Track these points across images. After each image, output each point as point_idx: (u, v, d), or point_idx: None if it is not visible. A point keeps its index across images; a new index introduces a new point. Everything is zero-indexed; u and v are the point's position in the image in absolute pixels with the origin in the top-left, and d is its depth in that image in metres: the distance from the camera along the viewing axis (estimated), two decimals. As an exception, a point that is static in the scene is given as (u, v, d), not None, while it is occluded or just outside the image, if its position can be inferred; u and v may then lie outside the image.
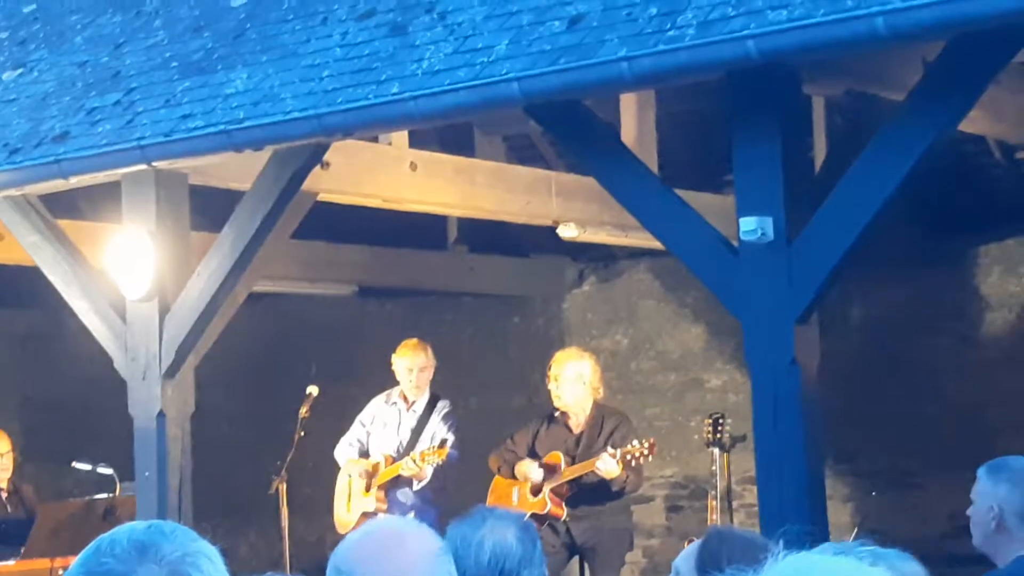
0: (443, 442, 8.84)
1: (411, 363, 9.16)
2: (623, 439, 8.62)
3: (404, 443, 9.11)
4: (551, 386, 8.93)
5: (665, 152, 9.76)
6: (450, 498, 8.95)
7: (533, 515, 8.27)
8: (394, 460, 9.03)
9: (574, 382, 8.87)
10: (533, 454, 8.89)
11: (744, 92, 6.32)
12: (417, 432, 9.13)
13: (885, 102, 7.08)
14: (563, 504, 8.71)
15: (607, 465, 8.45)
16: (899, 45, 5.72)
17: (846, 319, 11.01)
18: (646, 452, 8.42)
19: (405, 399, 9.22)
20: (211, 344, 8.15)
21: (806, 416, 6.31)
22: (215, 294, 7.85)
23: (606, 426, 8.82)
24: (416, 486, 8.96)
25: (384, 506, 8.96)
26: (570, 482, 8.70)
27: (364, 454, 9.21)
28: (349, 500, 9.13)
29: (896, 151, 6.07)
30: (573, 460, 8.72)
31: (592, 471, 8.53)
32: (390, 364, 9.30)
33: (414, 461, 8.79)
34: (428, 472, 8.85)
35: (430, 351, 9.27)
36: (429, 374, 9.23)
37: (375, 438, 9.22)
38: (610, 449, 8.48)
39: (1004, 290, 10.91)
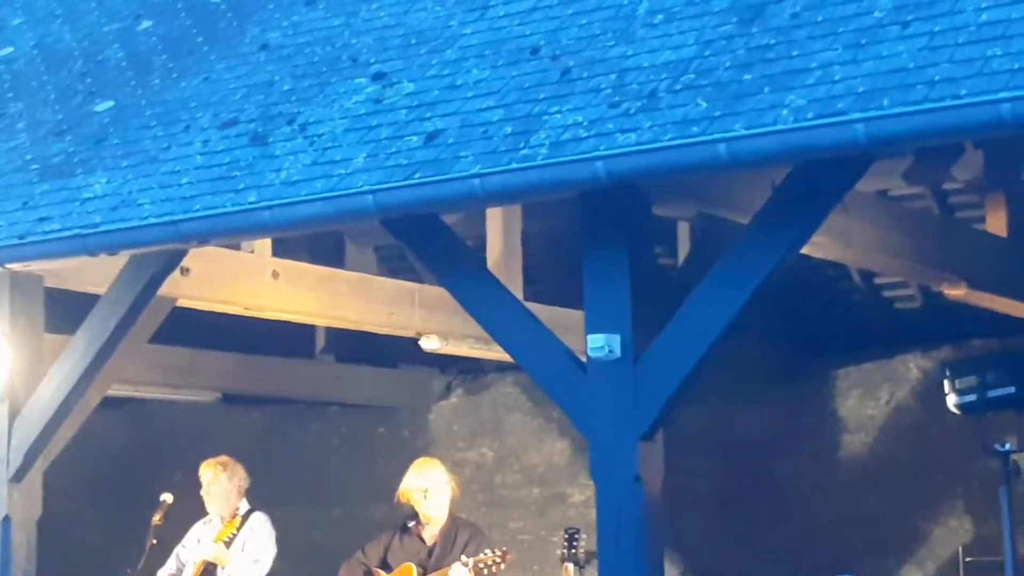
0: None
1: (203, 478, 9.09)
2: (477, 549, 8.59)
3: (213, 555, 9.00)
4: (417, 495, 8.86)
5: (532, 268, 9.85)
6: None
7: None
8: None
9: (443, 490, 8.86)
10: (385, 566, 8.84)
11: (595, 211, 6.40)
12: (227, 545, 9.00)
13: (735, 225, 7.20)
14: (413, 615, 8.66)
15: (460, 575, 8.43)
16: (742, 171, 5.84)
17: (707, 439, 11.08)
18: (499, 561, 8.41)
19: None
20: (61, 448, 8.07)
21: (648, 534, 6.32)
22: (66, 398, 7.77)
23: (460, 538, 8.78)
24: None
25: None
26: (423, 593, 8.66)
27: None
28: None
29: (740, 273, 6.16)
30: (425, 571, 8.68)
31: (446, 581, 8.51)
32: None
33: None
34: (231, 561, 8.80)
35: (232, 468, 9.07)
36: (228, 487, 9.06)
37: (189, 553, 9.09)
38: (463, 558, 8.46)
39: (862, 413, 11.06)
